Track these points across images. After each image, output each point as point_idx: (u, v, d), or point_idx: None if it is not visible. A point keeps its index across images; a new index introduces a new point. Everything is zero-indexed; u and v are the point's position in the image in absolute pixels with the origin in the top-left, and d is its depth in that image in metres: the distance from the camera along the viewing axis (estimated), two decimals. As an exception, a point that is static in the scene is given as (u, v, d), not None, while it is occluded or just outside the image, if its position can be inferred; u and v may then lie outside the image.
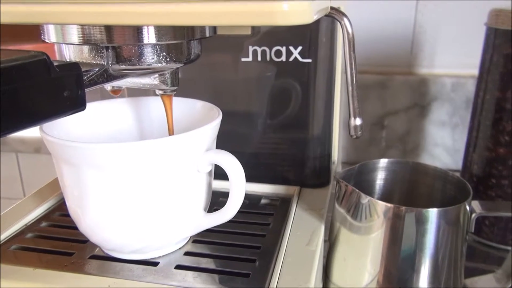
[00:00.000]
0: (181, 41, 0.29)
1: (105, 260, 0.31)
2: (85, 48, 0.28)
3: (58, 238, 0.34)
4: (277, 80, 0.40)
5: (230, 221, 0.31)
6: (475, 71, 0.49)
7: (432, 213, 0.31)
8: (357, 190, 0.33)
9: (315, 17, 0.23)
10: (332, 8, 0.30)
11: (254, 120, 0.41)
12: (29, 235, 0.35)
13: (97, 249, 0.33)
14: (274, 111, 0.41)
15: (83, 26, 0.26)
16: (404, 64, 0.63)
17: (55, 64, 0.23)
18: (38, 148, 0.77)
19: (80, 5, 0.23)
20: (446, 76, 0.61)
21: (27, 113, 0.22)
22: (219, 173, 0.31)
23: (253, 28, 0.38)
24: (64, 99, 0.23)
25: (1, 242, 0.34)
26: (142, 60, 0.28)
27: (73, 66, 0.24)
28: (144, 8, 0.21)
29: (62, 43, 0.28)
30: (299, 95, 0.40)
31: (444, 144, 0.63)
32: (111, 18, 0.23)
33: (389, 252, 0.32)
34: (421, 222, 0.31)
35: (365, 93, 0.63)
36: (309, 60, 0.38)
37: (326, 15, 0.29)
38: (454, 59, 0.61)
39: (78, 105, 0.24)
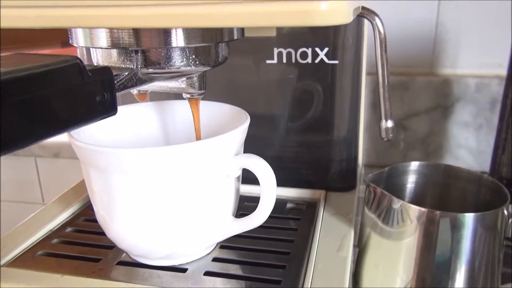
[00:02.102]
0: (210, 44, 0.28)
1: (133, 266, 0.31)
2: (114, 52, 0.27)
3: (84, 243, 0.34)
4: (303, 82, 0.39)
5: (257, 227, 0.30)
6: (500, 71, 0.48)
7: (469, 218, 0.30)
8: (388, 194, 0.32)
9: (352, 17, 0.22)
10: (363, 8, 0.29)
11: (279, 122, 0.41)
12: (55, 240, 0.35)
13: (124, 254, 0.32)
14: (299, 113, 0.40)
15: (112, 30, 0.26)
16: (426, 64, 0.61)
17: (88, 68, 0.22)
18: (57, 153, 0.77)
19: (109, 8, 0.23)
20: (469, 76, 0.60)
21: (61, 119, 0.21)
22: (243, 177, 0.30)
23: (278, 29, 0.37)
24: (96, 104, 0.23)
25: (29, 247, 0.33)
26: (170, 63, 0.28)
27: (105, 71, 0.23)
28: (186, 9, 0.21)
29: (90, 47, 0.28)
30: (325, 97, 0.39)
31: (468, 146, 0.62)
32: (146, 21, 0.22)
33: (422, 258, 0.31)
34: (456, 227, 0.30)
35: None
36: (336, 62, 0.37)
37: (358, 15, 0.28)
38: (478, 59, 0.60)
39: (109, 109, 0.24)
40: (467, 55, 0.59)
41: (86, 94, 0.22)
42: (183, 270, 0.30)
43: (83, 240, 0.34)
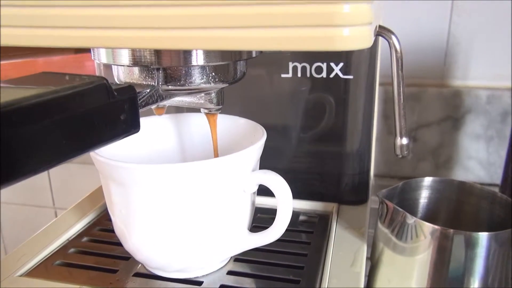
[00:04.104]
0: (229, 62, 0.29)
1: (149, 278, 0.32)
2: (136, 69, 0.28)
3: (100, 254, 0.35)
4: (317, 96, 0.39)
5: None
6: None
7: (482, 237, 0.30)
8: (402, 211, 0.32)
9: (373, 41, 0.23)
10: (380, 26, 0.29)
11: (293, 135, 0.41)
12: (72, 250, 0.35)
13: (140, 266, 0.33)
14: (313, 126, 0.40)
15: (134, 49, 0.27)
16: (437, 76, 0.62)
17: (113, 88, 0.23)
18: (69, 157, 0.78)
19: (131, 30, 0.23)
20: (481, 88, 0.60)
21: (87, 138, 0.22)
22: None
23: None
24: (120, 122, 0.23)
25: (46, 257, 0.34)
26: (190, 80, 0.28)
27: (129, 89, 0.24)
28: (208, 33, 0.21)
29: (112, 64, 0.28)
30: (339, 111, 0.39)
31: (479, 158, 0.62)
32: (164, 43, 0.23)
33: (436, 275, 0.32)
34: (470, 246, 0.30)
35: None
36: (350, 77, 0.38)
37: (375, 34, 0.29)
38: (489, 71, 0.60)
39: (133, 127, 0.24)
40: (478, 67, 0.60)
41: (111, 113, 0.23)
42: (199, 283, 0.31)
43: (99, 250, 0.35)
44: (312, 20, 0.20)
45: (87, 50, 0.31)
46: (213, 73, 0.28)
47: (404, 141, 0.32)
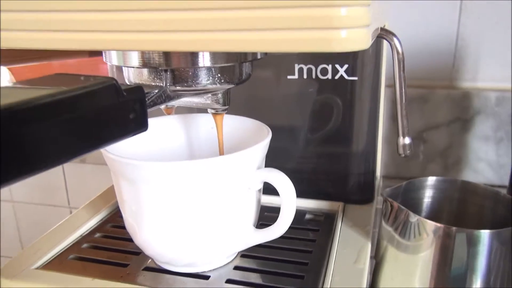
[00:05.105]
0: (234, 64, 0.30)
1: (158, 272, 0.33)
2: (145, 71, 0.29)
3: (112, 249, 0.36)
4: (322, 97, 0.40)
5: (277, 237, 0.31)
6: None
7: (484, 235, 0.30)
8: (405, 209, 0.33)
9: (371, 42, 0.24)
10: (382, 29, 0.30)
11: (299, 135, 0.42)
12: (85, 245, 0.37)
13: (149, 260, 0.34)
14: (319, 127, 0.41)
15: (143, 51, 0.28)
16: (446, 77, 0.62)
17: (122, 88, 0.24)
18: (83, 158, 0.80)
19: (141, 33, 0.24)
20: (490, 90, 0.60)
21: (98, 136, 0.23)
22: (264, 187, 0.32)
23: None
24: (129, 121, 0.25)
25: (61, 251, 0.35)
26: (197, 81, 0.29)
27: (138, 90, 0.25)
28: (212, 36, 0.22)
29: (123, 66, 0.30)
30: (344, 112, 0.40)
31: (488, 159, 0.62)
32: (171, 46, 0.24)
33: (438, 272, 0.32)
34: (472, 243, 0.31)
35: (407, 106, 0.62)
36: (355, 78, 0.38)
37: (377, 36, 0.30)
38: (498, 73, 0.60)
39: (141, 126, 0.25)
40: (487, 69, 0.60)
41: (120, 112, 0.24)
42: (206, 277, 0.32)
43: (111, 245, 0.36)
44: (310, 23, 0.21)
45: (101, 53, 0.32)
46: (219, 74, 0.29)
47: (407, 140, 0.32)
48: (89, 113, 0.22)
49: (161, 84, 0.29)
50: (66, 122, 0.21)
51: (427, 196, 0.37)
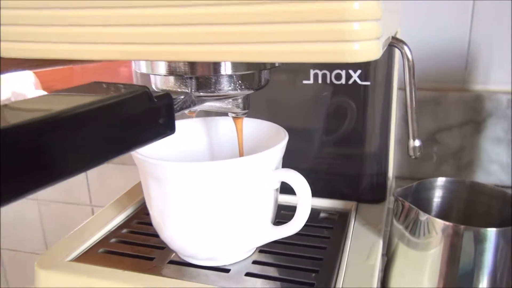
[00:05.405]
0: (254, 71, 0.32)
1: (182, 265, 0.35)
2: (171, 78, 0.31)
3: (138, 243, 0.38)
4: (337, 101, 0.42)
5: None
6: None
7: (491, 233, 0.32)
8: (415, 208, 0.35)
9: (382, 52, 0.26)
10: (393, 38, 0.32)
11: (314, 138, 0.44)
12: (113, 240, 0.39)
13: (174, 254, 0.36)
14: (333, 130, 0.43)
15: (170, 61, 0.30)
16: (459, 80, 0.63)
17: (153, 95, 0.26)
18: (105, 158, 0.83)
19: (168, 45, 0.27)
20: (501, 92, 0.61)
21: (130, 140, 0.25)
22: (281, 187, 0.34)
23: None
24: (159, 125, 0.27)
25: (91, 246, 0.38)
26: (219, 88, 0.31)
27: (167, 96, 0.27)
28: (231, 48, 0.24)
29: (151, 74, 0.32)
30: (357, 115, 0.42)
31: (500, 161, 0.63)
32: (196, 56, 0.26)
33: (447, 269, 0.34)
34: (479, 241, 0.32)
35: (418, 110, 0.63)
36: (368, 83, 0.40)
37: (388, 45, 0.31)
38: (510, 76, 0.61)
39: (169, 129, 0.28)
40: (499, 72, 0.61)
41: (151, 117, 0.26)
42: (226, 271, 0.34)
43: (137, 240, 0.39)
44: (326, 36, 0.23)
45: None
46: (240, 81, 0.32)
47: (417, 143, 0.34)
48: (124, 119, 0.25)
49: (187, 91, 0.31)
50: (104, 128, 0.23)
51: (437, 196, 0.39)
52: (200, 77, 0.31)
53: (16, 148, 0.19)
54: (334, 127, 0.43)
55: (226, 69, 0.30)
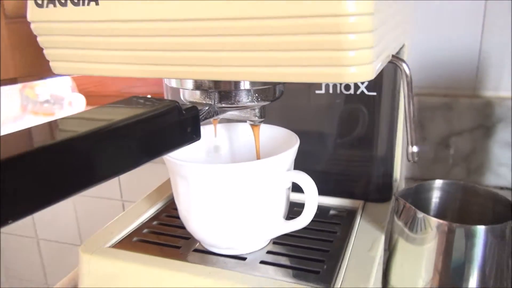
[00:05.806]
0: (269, 86, 0.37)
1: (204, 253, 0.40)
2: (197, 92, 0.36)
3: (167, 234, 0.44)
4: (346, 109, 0.46)
5: (304, 228, 0.38)
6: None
7: (480, 230, 0.36)
8: (413, 207, 0.39)
9: (377, 73, 0.30)
10: (393, 56, 0.36)
11: (325, 142, 0.48)
12: (145, 230, 0.45)
13: (198, 244, 0.42)
14: (343, 135, 0.47)
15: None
16: (470, 87, 0.66)
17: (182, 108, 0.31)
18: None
19: (196, 67, 0.31)
20: (510, 99, 0.63)
21: (163, 146, 0.30)
22: (294, 186, 0.38)
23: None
24: (187, 133, 0.32)
25: (127, 235, 0.44)
26: (239, 100, 0.36)
27: (194, 109, 0.32)
28: (247, 70, 0.29)
29: (180, 88, 0.37)
30: (365, 122, 0.46)
31: (509, 164, 0.66)
32: (220, 76, 0.31)
33: (441, 262, 0.38)
34: (470, 237, 0.36)
35: (430, 115, 0.67)
36: (374, 94, 0.44)
37: (389, 62, 0.35)
38: (520, 83, 0.63)
39: (195, 136, 0.33)
40: (508, 79, 0.63)
41: (180, 127, 0.31)
42: (243, 259, 0.39)
43: (166, 231, 0.44)
44: (327, 62, 0.28)
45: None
46: (257, 94, 0.36)
47: (414, 149, 0.38)
48: (157, 129, 0.30)
49: (210, 102, 0.36)
50: (140, 137, 0.28)
51: (435, 196, 0.43)
52: (222, 91, 0.36)
53: (73, 155, 0.24)
54: (344, 133, 0.47)
55: (244, 84, 0.35)
